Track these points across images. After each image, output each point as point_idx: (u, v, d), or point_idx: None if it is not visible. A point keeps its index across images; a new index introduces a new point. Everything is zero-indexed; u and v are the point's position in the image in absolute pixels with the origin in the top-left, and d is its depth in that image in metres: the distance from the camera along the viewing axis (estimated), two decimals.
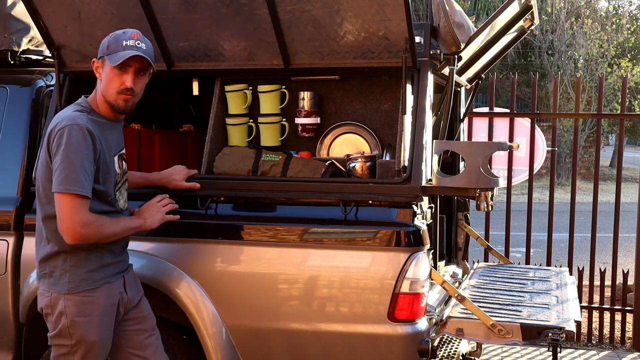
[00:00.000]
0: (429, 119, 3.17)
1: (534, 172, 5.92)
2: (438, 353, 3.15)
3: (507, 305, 3.29)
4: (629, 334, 5.80)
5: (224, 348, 3.03)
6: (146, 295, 2.98)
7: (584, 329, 5.79)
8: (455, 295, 3.09)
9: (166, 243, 3.13)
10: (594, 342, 5.72)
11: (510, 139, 5.75)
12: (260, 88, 3.50)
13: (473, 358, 3.90)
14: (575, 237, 5.84)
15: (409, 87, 3.06)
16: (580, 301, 4.77)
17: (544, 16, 20.93)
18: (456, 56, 3.16)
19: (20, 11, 3.56)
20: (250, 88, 3.52)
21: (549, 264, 5.72)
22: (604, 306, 5.71)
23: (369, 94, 3.58)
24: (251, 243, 3.05)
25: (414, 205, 2.95)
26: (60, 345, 2.70)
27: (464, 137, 4.47)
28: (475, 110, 6.61)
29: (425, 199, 3.19)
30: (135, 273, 2.96)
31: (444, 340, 3.69)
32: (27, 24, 3.64)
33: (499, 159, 5.94)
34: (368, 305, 2.91)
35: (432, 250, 3.32)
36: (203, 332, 3.04)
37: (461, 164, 4.13)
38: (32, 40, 3.73)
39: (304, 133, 3.53)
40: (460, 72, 3.62)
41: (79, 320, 2.66)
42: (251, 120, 3.55)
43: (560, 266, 4.58)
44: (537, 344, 4.31)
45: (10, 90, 3.52)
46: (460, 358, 3.65)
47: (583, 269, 5.88)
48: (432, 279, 3.08)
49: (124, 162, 2.84)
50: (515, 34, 3.78)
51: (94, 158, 2.61)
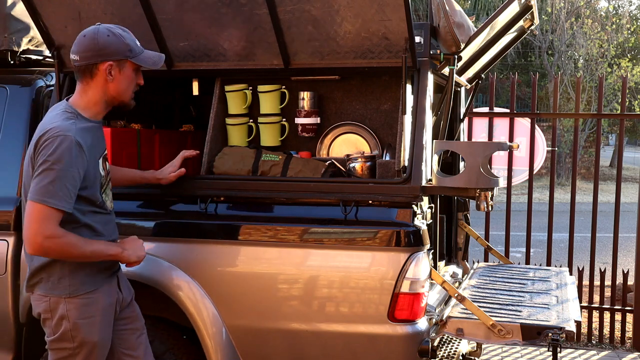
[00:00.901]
0: (429, 119, 3.17)
1: (534, 172, 5.92)
2: (438, 353, 3.15)
3: (507, 305, 3.29)
4: (629, 334, 5.80)
5: (224, 348, 3.03)
6: (146, 295, 2.98)
7: (584, 329, 5.79)
8: (455, 295, 3.09)
9: (166, 243, 3.13)
10: (594, 342, 5.72)
11: (510, 139, 5.74)
12: (260, 88, 3.50)
13: (473, 358, 3.90)
14: (575, 237, 5.84)
15: (409, 87, 3.06)
16: (580, 301, 4.77)
17: (544, 16, 20.93)
18: (456, 56, 3.16)
19: (20, 11, 3.56)
20: (250, 88, 3.52)
21: (549, 264, 5.72)
22: (604, 306, 5.71)
23: (369, 94, 3.58)
24: (251, 243, 3.05)
25: (414, 205, 2.95)
26: (61, 349, 2.67)
27: (464, 137, 4.47)
28: (475, 110, 6.61)
29: (425, 199, 3.19)
30: (135, 273, 2.96)
31: (444, 340, 3.69)
32: (27, 24, 3.64)
33: (499, 159, 5.94)
34: (368, 305, 2.91)
35: (432, 250, 3.32)
36: (203, 332, 3.04)
37: (461, 164, 4.13)
38: (32, 40, 3.73)
39: (304, 133, 3.53)
40: (460, 72, 3.62)
41: (81, 322, 2.65)
42: (251, 120, 3.55)
43: (560, 266, 4.58)
44: (537, 344, 4.31)
45: (10, 90, 3.52)
46: (460, 358, 3.65)
47: (583, 269, 5.88)
48: (432, 279, 3.08)
49: (106, 163, 2.81)
50: (515, 34, 3.78)
51: (81, 170, 2.55)
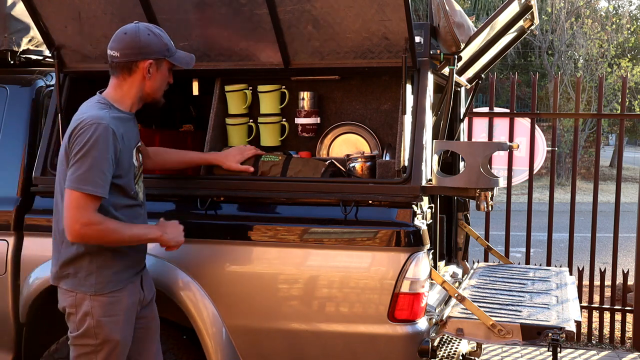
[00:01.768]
0: (429, 119, 3.17)
1: (534, 172, 5.92)
2: (438, 353, 3.15)
3: (507, 305, 3.29)
4: (629, 334, 5.80)
5: (224, 348, 3.03)
6: None
7: (584, 329, 5.79)
8: (455, 295, 3.09)
9: None
10: (594, 342, 5.72)
11: (510, 139, 5.74)
12: (260, 88, 3.50)
13: (473, 358, 3.90)
14: (575, 237, 5.84)
15: (409, 87, 3.06)
16: (580, 301, 4.77)
17: (544, 16, 20.93)
18: (456, 56, 3.16)
19: (20, 11, 3.56)
20: (250, 88, 3.51)
21: (549, 264, 5.72)
22: (604, 306, 5.71)
23: (369, 94, 3.58)
24: (251, 243, 3.05)
25: (414, 205, 2.95)
26: (83, 345, 2.69)
27: (464, 137, 4.47)
28: (475, 110, 6.61)
29: (425, 199, 3.19)
30: None
31: (444, 340, 3.69)
32: (27, 24, 3.63)
33: (499, 159, 5.94)
34: (368, 305, 2.91)
35: (432, 250, 3.32)
36: (203, 332, 3.04)
37: (461, 164, 4.13)
38: (32, 40, 3.73)
39: (304, 133, 3.53)
40: (460, 72, 3.62)
41: (105, 320, 2.68)
42: (251, 120, 3.55)
43: (560, 266, 4.58)
44: (537, 344, 4.31)
45: (10, 90, 3.52)
46: (460, 358, 3.65)
47: (583, 269, 5.88)
48: (432, 279, 3.08)
49: (140, 155, 2.87)
50: (515, 34, 3.78)
51: (115, 157, 2.61)
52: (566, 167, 20.37)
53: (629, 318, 5.77)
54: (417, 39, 3.09)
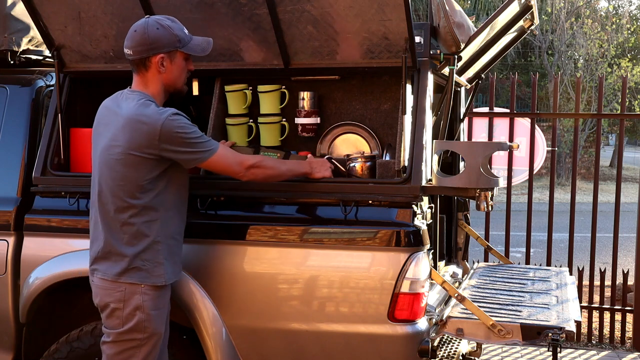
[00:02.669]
0: (429, 119, 3.17)
1: (534, 172, 5.92)
2: (438, 353, 3.15)
3: (507, 305, 3.29)
4: (629, 334, 5.80)
5: (224, 348, 3.03)
6: None
7: (584, 329, 5.79)
8: (455, 295, 3.09)
9: None
10: (594, 342, 5.72)
11: (510, 139, 5.74)
12: (260, 88, 3.50)
13: (473, 358, 3.90)
14: (575, 237, 5.84)
15: (409, 87, 3.06)
16: (580, 301, 4.77)
17: (544, 16, 20.92)
18: (456, 56, 3.16)
19: (20, 11, 3.56)
20: (250, 88, 3.51)
21: (549, 264, 5.72)
22: (604, 306, 5.71)
23: (369, 94, 3.58)
24: (251, 243, 3.05)
25: (414, 205, 2.95)
26: (129, 340, 2.72)
27: (464, 137, 4.47)
28: (475, 110, 6.61)
29: (425, 199, 3.18)
30: None
31: (444, 340, 3.69)
32: (27, 24, 3.63)
33: (499, 159, 5.94)
34: (368, 305, 2.91)
35: (432, 250, 3.32)
36: (203, 332, 3.04)
37: (461, 164, 4.13)
38: (32, 40, 3.73)
39: (304, 133, 3.53)
40: (460, 72, 3.62)
41: (154, 313, 2.73)
42: (251, 120, 3.54)
43: (560, 266, 4.58)
44: (537, 344, 4.31)
45: (10, 90, 3.52)
46: (460, 358, 3.65)
47: (583, 269, 5.88)
48: (432, 279, 3.07)
49: None
50: (515, 34, 3.78)
51: None
52: (566, 167, 20.37)
53: (629, 318, 5.77)
54: (417, 39, 3.09)
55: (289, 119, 3.54)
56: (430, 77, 3.17)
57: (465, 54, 3.35)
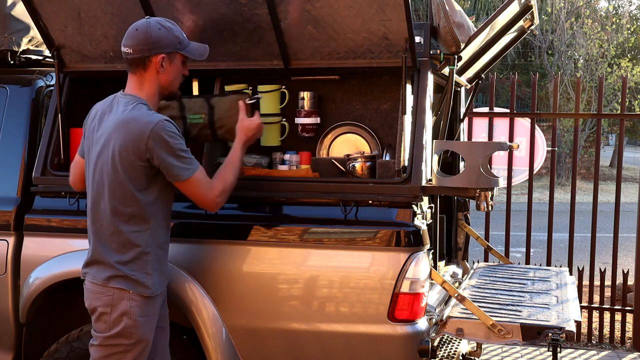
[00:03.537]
0: (429, 119, 3.17)
1: (534, 172, 5.92)
2: (438, 353, 3.15)
3: (507, 305, 3.29)
4: (629, 334, 5.80)
5: (224, 348, 3.03)
6: None
7: (584, 329, 5.79)
8: (455, 295, 3.09)
9: None
10: (594, 342, 5.72)
11: (510, 139, 5.74)
12: (260, 88, 3.50)
13: (473, 358, 3.90)
14: (575, 237, 5.84)
15: (409, 87, 3.06)
16: (580, 301, 4.77)
17: (544, 16, 20.92)
18: (456, 56, 3.16)
19: (20, 11, 3.56)
20: (250, 88, 3.51)
21: (549, 264, 5.72)
22: (604, 306, 5.71)
23: (369, 94, 3.58)
24: (251, 243, 3.05)
25: (414, 205, 2.95)
26: (115, 345, 2.69)
27: (464, 137, 4.47)
28: (475, 110, 6.61)
29: (425, 199, 3.19)
30: None
31: (444, 340, 3.69)
32: (27, 24, 3.63)
33: (499, 159, 5.94)
34: (368, 305, 2.91)
35: (432, 250, 3.32)
36: (203, 332, 3.04)
37: (461, 164, 4.13)
38: (32, 40, 3.73)
39: (304, 133, 3.53)
40: (460, 72, 3.62)
41: (141, 320, 2.70)
42: None
43: (560, 266, 4.58)
44: (537, 344, 4.31)
45: (10, 90, 3.52)
46: (460, 358, 3.65)
47: (583, 269, 5.88)
48: (432, 279, 3.08)
49: None
50: (515, 34, 3.78)
51: None
52: (566, 167, 20.37)
53: (629, 318, 5.77)
54: (417, 39, 3.09)
55: (289, 119, 3.54)
56: (430, 77, 3.17)
57: (465, 54, 3.35)
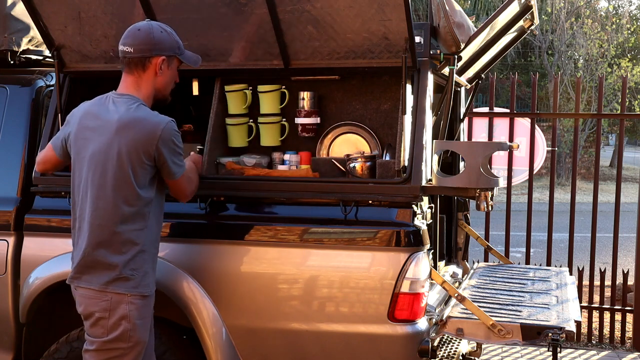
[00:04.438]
0: (429, 119, 3.17)
1: (534, 172, 5.92)
2: (438, 353, 3.15)
3: (507, 305, 3.29)
4: (629, 334, 5.80)
5: (224, 348, 3.03)
6: None
7: (584, 329, 5.79)
8: (455, 295, 3.09)
9: (166, 243, 3.12)
10: (594, 342, 5.72)
11: (510, 139, 5.74)
12: (260, 88, 3.50)
13: (473, 358, 3.90)
14: (575, 237, 5.84)
15: (409, 87, 3.06)
16: (580, 301, 4.77)
17: (544, 16, 20.92)
18: (456, 56, 3.16)
19: (20, 11, 3.56)
20: (250, 88, 3.51)
21: (549, 264, 5.72)
22: (604, 306, 5.71)
23: (369, 94, 3.58)
24: (251, 243, 3.05)
25: (414, 205, 2.95)
26: (113, 349, 2.69)
27: (464, 137, 4.47)
28: (475, 110, 6.61)
29: (425, 199, 3.19)
30: None
31: (444, 340, 3.69)
32: (27, 24, 3.63)
33: (499, 159, 5.94)
34: (368, 305, 2.91)
35: (432, 250, 3.32)
36: (203, 332, 3.04)
37: (461, 164, 4.13)
38: (32, 40, 3.73)
39: (304, 133, 3.53)
40: (460, 72, 3.62)
41: (139, 322, 2.71)
42: (251, 120, 3.55)
43: (560, 266, 4.58)
44: (537, 344, 4.31)
45: (10, 90, 3.52)
46: (460, 358, 3.65)
47: (583, 269, 5.88)
48: (432, 279, 3.08)
49: None
50: (515, 34, 3.78)
51: None
52: (566, 167, 20.37)
53: (629, 318, 5.77)
54: (417, 39, 3.09)
55: (289, 119, 3.54)
56: (430, 77, 3.17)
57: (465, 54, 3.35)
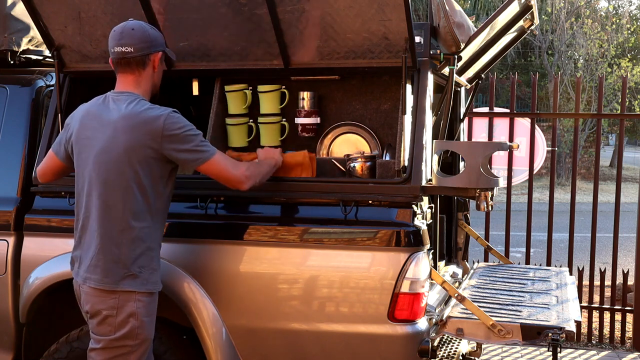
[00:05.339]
0: (429, 119, 3.17)
1: (534, 172, 5.92)
2: (438, 353, 3.15)
3: (507, 305, 3.29)
4: (629, 334, 5.80)
5: (224, 348, 3.03)
6: None
7: (584, 329, 5.79)
8: (455, 295, 3.09)
9: (166, 243, 3.11)
10: (594, 342, 5.72)
11: (510, 139, 5.74)
12: (260, 88, 3.50)
13: (473, 358, 3.90)
14: (575, 237, 5.84)
15: (409, 87, 3.06)
16: (580, 301, 4.77)
17: (544, 16, 20.92)
18: (456, 56, 3.16)
19: (20, 11, 3.56)
20: (250, 88, 3.51)
21: (549, 264, 5.72)
22: (604, 306, 5.71)
23: (369, 94, 3.58)
24: (251, 243, 3.05)
25: (414, 205, 2.95)
26: (121, 346, 2.69)
27: (464, 137, 4.47)
28: (475, 110, 6.61)
29: (425, 199, 3.19)
30: None
31: (444, 340, 3.69)
32: (27, 24, 3.63)
33: (499, 159, 5.94)
34: (368, 305, 2.91)
35: (432, 250, 3.32)
36: (203, 332, 3.04)
37: (461, 164, 4.13)
38: (32, 40, 3.73)
39: (304, 133, 3.53)
40: (460, 72, 3.62)
41: (147, 320, 2.72)
42: (251, 120, 3.55)
43: (560, 266, 4.58)
44: (537, 344, 4.31)
45: (10, 90, 3.52)
46: (460, 358, 3.65)
47: (583, 269, 5.88)
48: (432, 279, 3.08)
49: None
50: (515, 34, 3.78)
51: None
52: (566, 167, 20.37)
53: (629, 318, 5.77)
54: (417, 39, 3.09)
55: (289, 119, 3.54)
56: (430, 77, 3.17)
57: (465, 54, 3.35)
